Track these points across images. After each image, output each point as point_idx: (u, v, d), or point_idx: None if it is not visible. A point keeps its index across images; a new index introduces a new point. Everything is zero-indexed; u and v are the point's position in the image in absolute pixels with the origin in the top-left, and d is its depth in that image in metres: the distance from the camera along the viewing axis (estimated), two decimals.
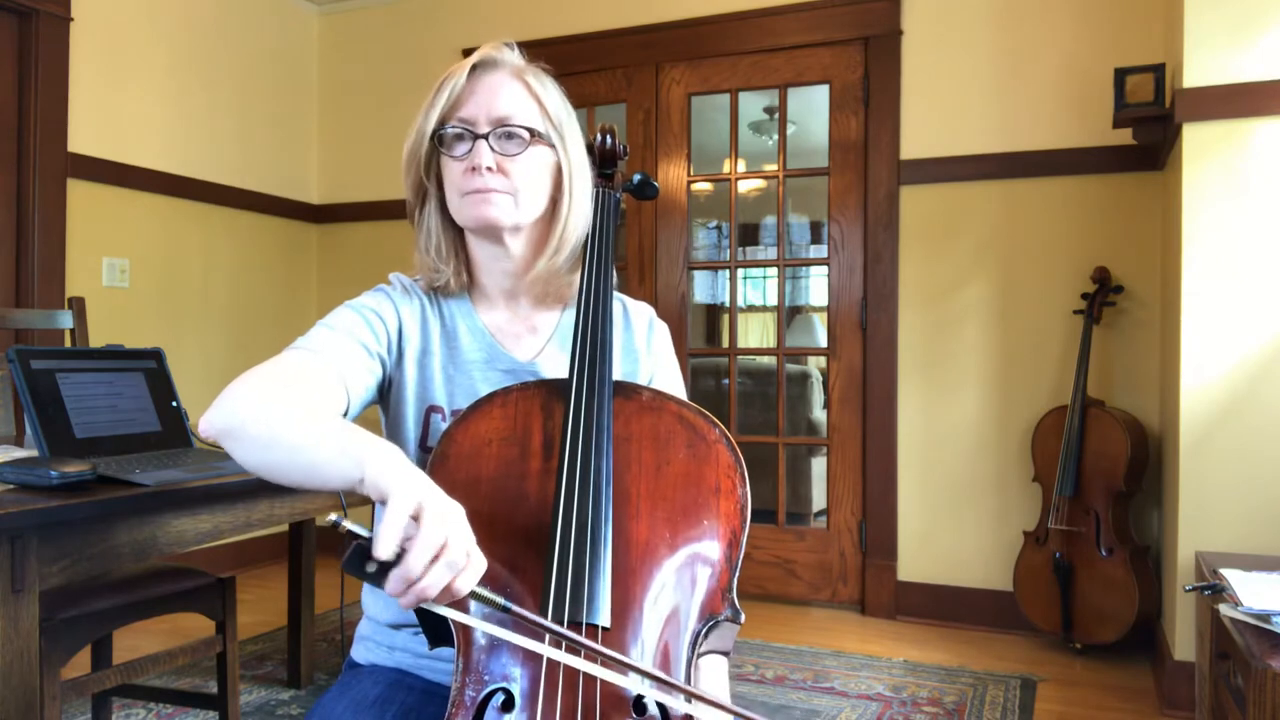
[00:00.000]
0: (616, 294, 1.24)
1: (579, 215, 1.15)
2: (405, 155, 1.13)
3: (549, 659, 0.83)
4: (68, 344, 2.44)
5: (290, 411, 0.91)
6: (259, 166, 4.05)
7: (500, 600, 0.79)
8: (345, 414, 1.04)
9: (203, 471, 1.49)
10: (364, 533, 0.77)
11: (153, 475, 1.41)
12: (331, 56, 4.33)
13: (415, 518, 0.77)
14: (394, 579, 0.76)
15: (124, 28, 3.45)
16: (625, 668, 0.81)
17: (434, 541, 0.76)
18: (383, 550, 0.75)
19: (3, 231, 3.11)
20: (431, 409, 1.12)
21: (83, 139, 3.29)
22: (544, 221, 1.14)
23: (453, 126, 1.08)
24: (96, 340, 2.76)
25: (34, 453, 1.54)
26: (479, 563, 0.80)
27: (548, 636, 0.82)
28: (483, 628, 0.83)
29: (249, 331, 4.02)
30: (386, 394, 1.14)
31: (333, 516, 0.77)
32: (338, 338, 1.06)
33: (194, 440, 1.76)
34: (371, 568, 0.76)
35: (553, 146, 1.12)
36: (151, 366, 1.74)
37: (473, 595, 0.79)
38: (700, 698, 0.81)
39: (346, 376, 1.04)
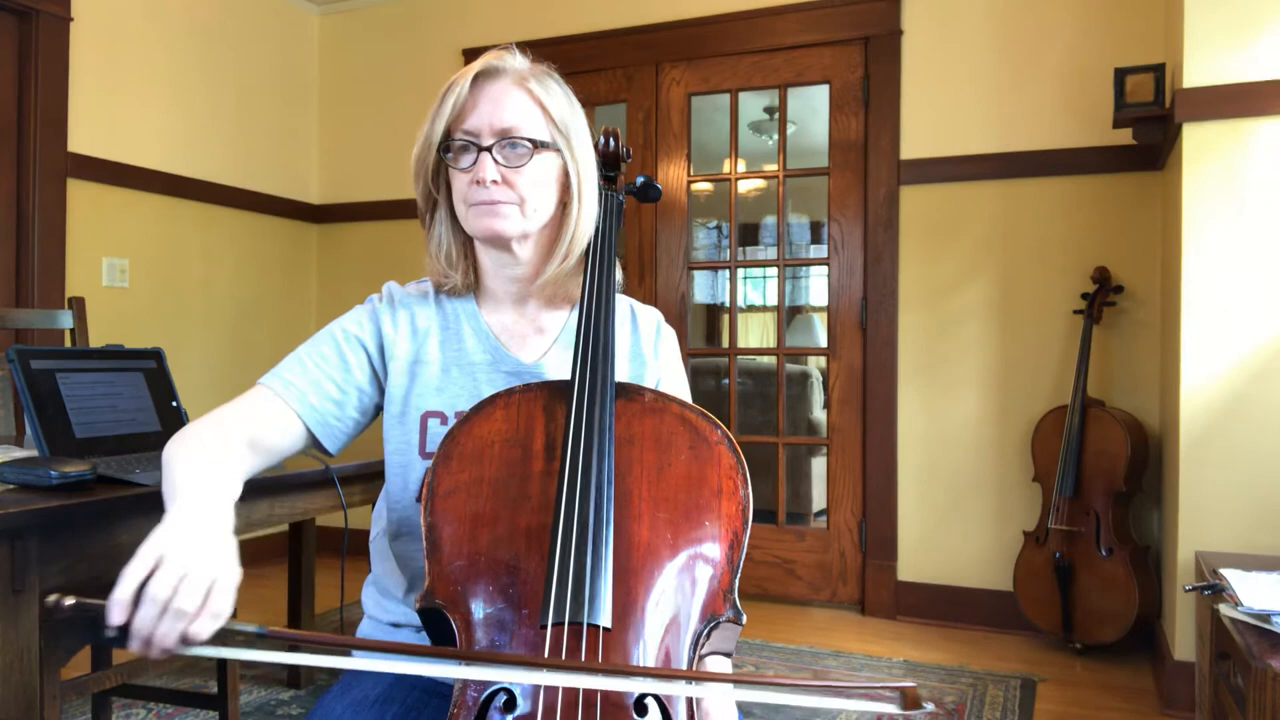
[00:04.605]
0: (625, 297, 1.24)
1: (588, 218, 1.15)
2: (413, 163, 1.14)
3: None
4: (68, 344, 2.43)
5: (169, 465, 0.99)
6: (259, 166, 4.05)
7: (252, 629, 0.80)
8: (309, 438, 1.11)
9: None
10: (92, 603, 0.77)
11: (153, 475, 1.41)
12: (331, 57, 4.33)
13: (155, 572, 0.78)
14: (131, 637, 0.76)
15: (124, 28, 3.44)
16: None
17: (158, 595, 0.76)
18: (113, 615, 0.76)
19: (3, 231, 3.11)
20: (428, 415, 1.13)
21: (83, 139, 3.29)
22: (552, 226, 1.14)
23: (457, 139, 1.09)
24: (96, 340, 2.76)
25: (34, 453, 1.53)
26: (218, 607, 0.79)
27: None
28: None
29: (249, 331, 4.02)
30: (382, 407, 1.16)
31: (51, 598, 0.77)
32: (306, 371, 1.11)
33: None
34: (111, 632, 0.76)
35: (559, 152, 1.12)
36: (151, 367, 1.73)
37: (225, 634, 0.79)
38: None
39: (304, 410, 1.09)
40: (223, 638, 0.80)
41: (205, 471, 0.96)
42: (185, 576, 0.78)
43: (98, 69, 3.34)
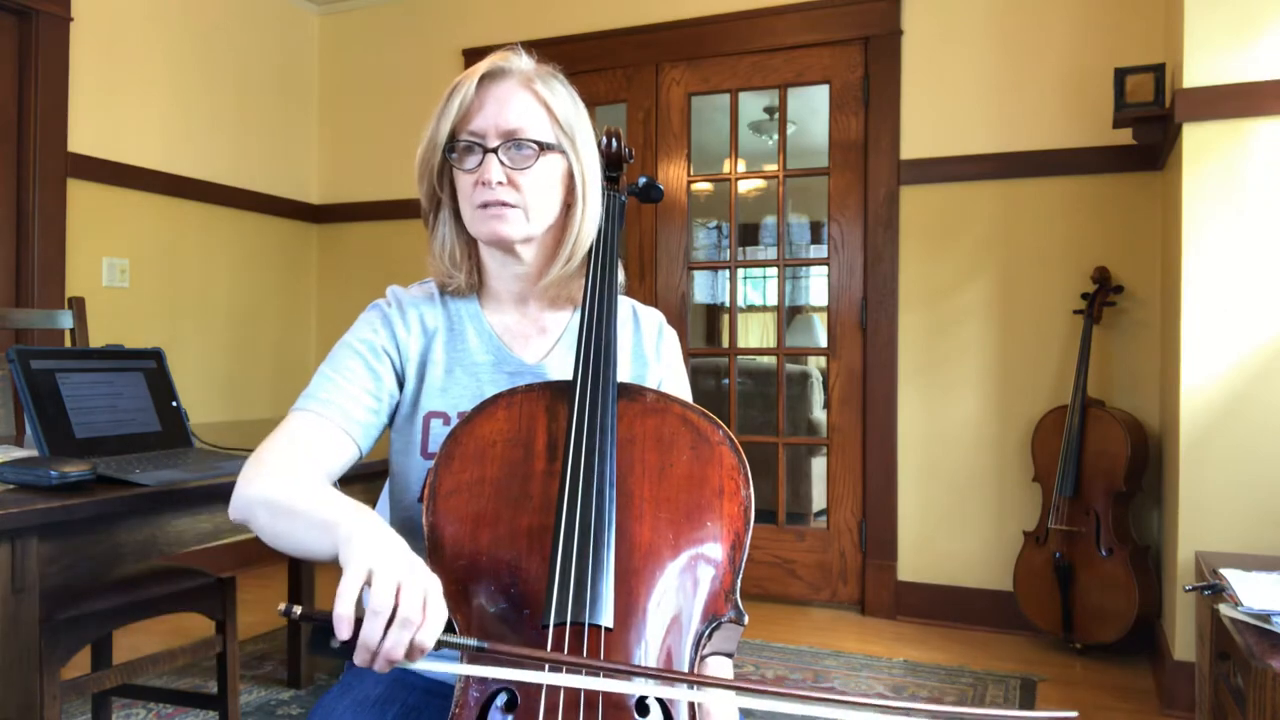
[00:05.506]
0: (627, 298, 1.24)
1: (592, 220, 1.15)
2: (418, 163, 1.13)
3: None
4: (68, 344, 2.43)
5: (286, 503, 0.95)
6: (259, 166, 4.05)
7: (473, 643, 0.80)
8: (360, 455, 1.09)
9: (203, 471, 1.49)
10: (319, 614, 0.78)
11: (153, 475, 1.41)
12: (331, 56, 4.32)
13: (368, 585, 0.78)
14: (358, 650, 0.77)
15: (124, 28, 3.44)
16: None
17: (383, 606, 0.76)
18: (340, 630, 0.76)
19: (3, 231, 3.11)
20: (430, 415, 1.13)
21: (83, 139, 3.29)
22: (557, 228, 1.14)
23: (463, 139, 1.08)
24: (96, 340, 2.75)
25: (34, 453, 1.53)
26: (437, 614, 0.79)
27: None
28: (471, 672, 0.84)
29: (249, 331, 4.02)
30: (394, 412, 1.15)
31: (282, 606, 0.78)
32: (341, 388, 1.09)
33: (194, 440, 1.75)
34: (336, 644, 0.77)
35: (564, 154, 1.12)
36: (151, 366, 1.73)
37: (444, 644, 0.80)
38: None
39: (352, 426, 1.07)
40: (445, 649, 0.80)
41: (339, 494, 0.95)
42: (401, 586, 0.78)
43: (98, 69, 3.34)
